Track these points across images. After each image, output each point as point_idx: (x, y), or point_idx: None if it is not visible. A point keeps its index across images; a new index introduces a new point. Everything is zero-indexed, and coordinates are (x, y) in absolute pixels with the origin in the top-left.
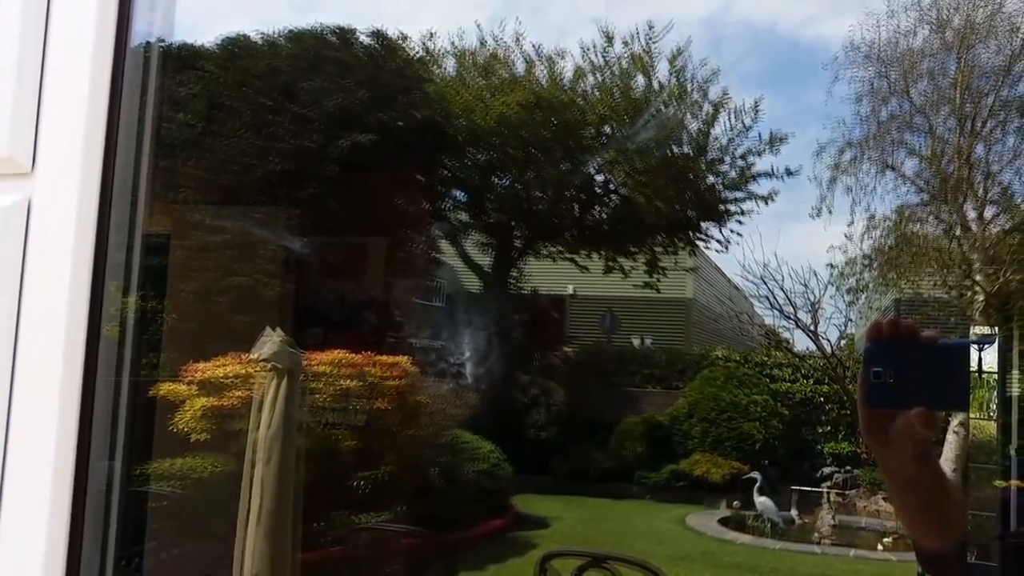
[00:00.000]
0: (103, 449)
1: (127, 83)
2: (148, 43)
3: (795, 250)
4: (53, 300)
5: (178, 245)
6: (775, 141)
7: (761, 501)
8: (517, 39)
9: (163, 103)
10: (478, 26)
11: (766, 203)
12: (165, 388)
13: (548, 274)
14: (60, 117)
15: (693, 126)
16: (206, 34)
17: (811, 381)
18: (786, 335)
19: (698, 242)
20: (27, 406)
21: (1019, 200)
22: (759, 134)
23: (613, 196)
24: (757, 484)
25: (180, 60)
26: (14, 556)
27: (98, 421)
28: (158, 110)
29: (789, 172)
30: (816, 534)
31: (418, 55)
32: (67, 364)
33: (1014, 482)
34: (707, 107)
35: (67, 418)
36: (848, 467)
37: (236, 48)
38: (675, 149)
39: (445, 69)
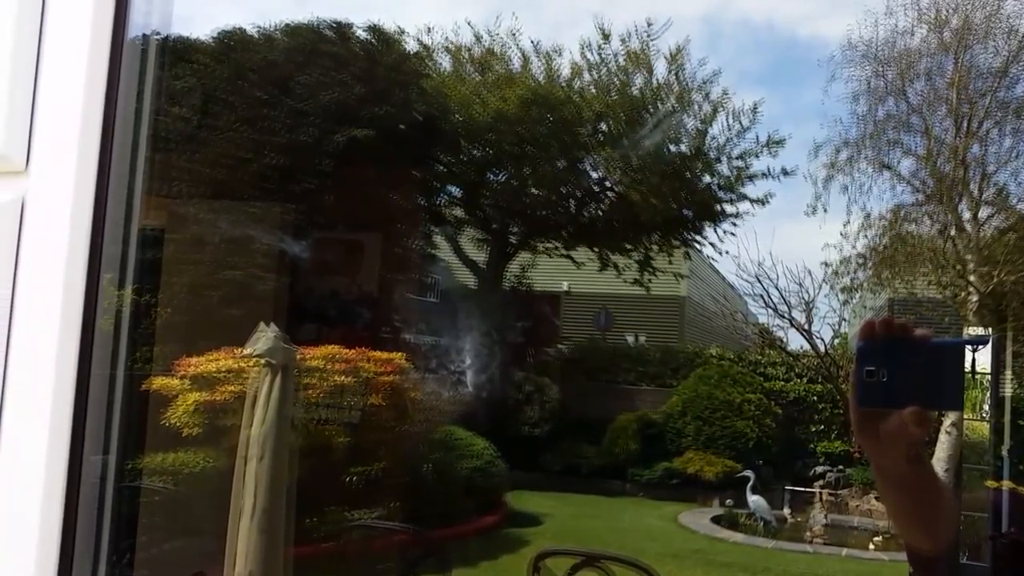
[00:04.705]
0: (97, 443)
1: (124, 76)
2: (145, 35)
3: (790, 248)
4: (47, 299)
5: (173, 239)
6: (772, 143)
7: (754, 500)
8: (513, 34)
9: (160, 96)
10: (469, 23)
11: (762, 205)
12: (158, 382)
13: (543, 271)
14: (55, 113)
15: (690, 125)
16: (202, 27)
17: (804, 380)
18: (780, 334)
19: (694, 242)
20: (21, 402)
21: (1014, 201)
22: (756, 135)
23: (609, 194)
24: (750, 483)
25: (177, 53)
26: (7, 549)
27: (92, 415)
28: (155, 103)
29: (785, 172)
30: (808, 533)
31: (415, 50)
32: (60, 360)
33: (1006, 483)
34: (705, 107)
35: (61, 413)
36: (840, 466)
37: (232, 41)
38: (672, 148)
39: (441, 64)
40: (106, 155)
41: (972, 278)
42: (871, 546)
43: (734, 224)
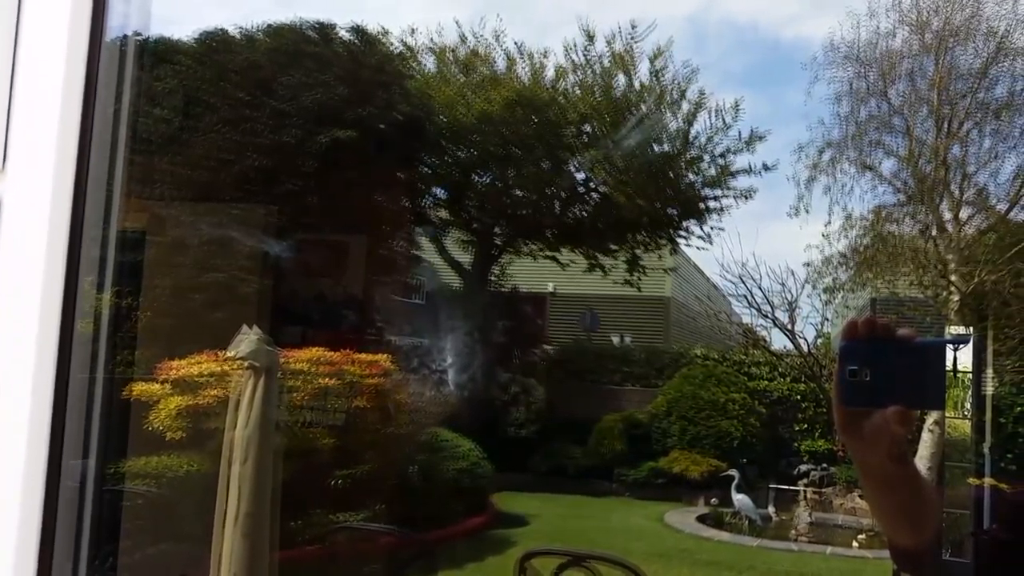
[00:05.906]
0: (76, 447)
1: (102, 77)
2: (124, 36)
3: (773, 249)
4: (25, 299)
5: (155, 241)
6: (754, 139)
7: (739, 498)
8: (498, 36)
9: (139, 98)
10: (457, 23)
11: (745, 200)
12: (140, 386)
13: (528, 272)
14: (32, 114)
15: (673, 125)
16: (183, 27)
17: (788, 379)
18: (763, 334)
19: (679, 239)
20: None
21: (994, 201)
22: (739, 132)
23: (593, 194)
24: (735, 481)
25: (157, 54)
26: None
27: (71, 419)
28: (134, 105)
29: (766, 167)
30: (793, 531)
31: (398, 51)
32: (39, 364)
33: (988, 480)
34: (687, 106)
35: (39, 416)
36: (824, 465)
37: (214, 42)
38: (655, 148)
39: (425, 65)
40: (84, 156)
41: (953, 278)
42: (855, 544)
43: (719, 218)
